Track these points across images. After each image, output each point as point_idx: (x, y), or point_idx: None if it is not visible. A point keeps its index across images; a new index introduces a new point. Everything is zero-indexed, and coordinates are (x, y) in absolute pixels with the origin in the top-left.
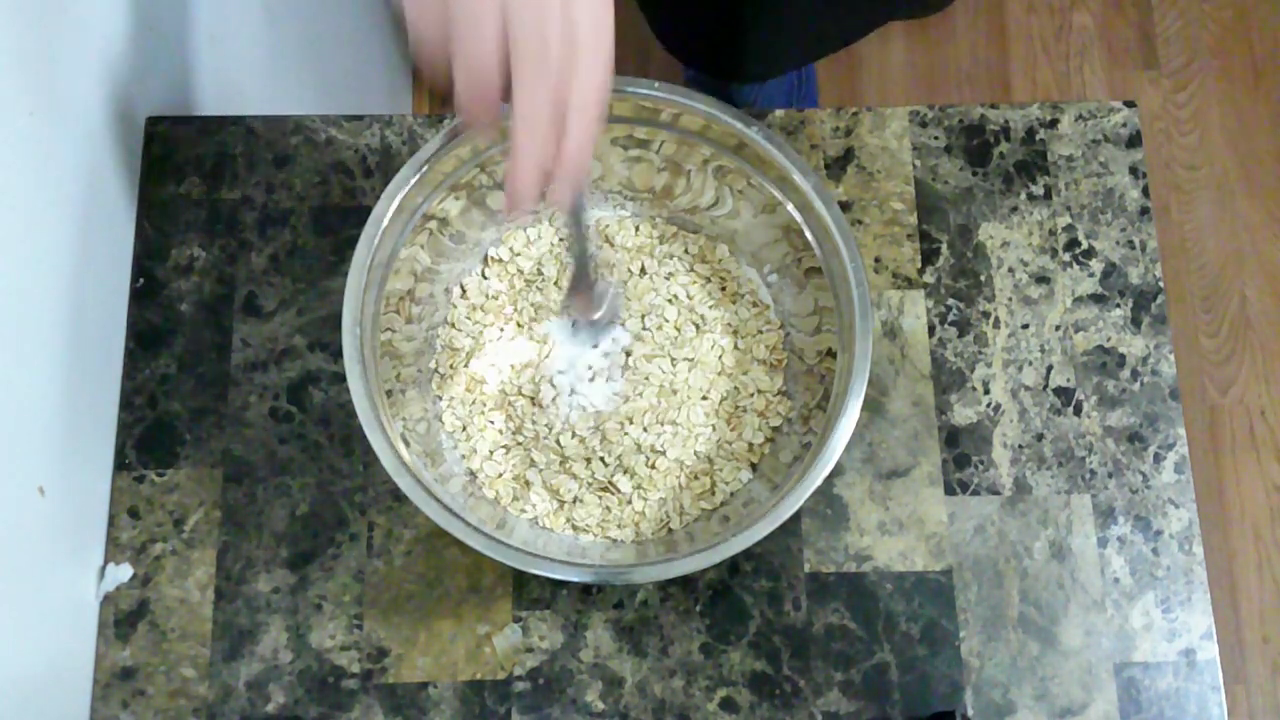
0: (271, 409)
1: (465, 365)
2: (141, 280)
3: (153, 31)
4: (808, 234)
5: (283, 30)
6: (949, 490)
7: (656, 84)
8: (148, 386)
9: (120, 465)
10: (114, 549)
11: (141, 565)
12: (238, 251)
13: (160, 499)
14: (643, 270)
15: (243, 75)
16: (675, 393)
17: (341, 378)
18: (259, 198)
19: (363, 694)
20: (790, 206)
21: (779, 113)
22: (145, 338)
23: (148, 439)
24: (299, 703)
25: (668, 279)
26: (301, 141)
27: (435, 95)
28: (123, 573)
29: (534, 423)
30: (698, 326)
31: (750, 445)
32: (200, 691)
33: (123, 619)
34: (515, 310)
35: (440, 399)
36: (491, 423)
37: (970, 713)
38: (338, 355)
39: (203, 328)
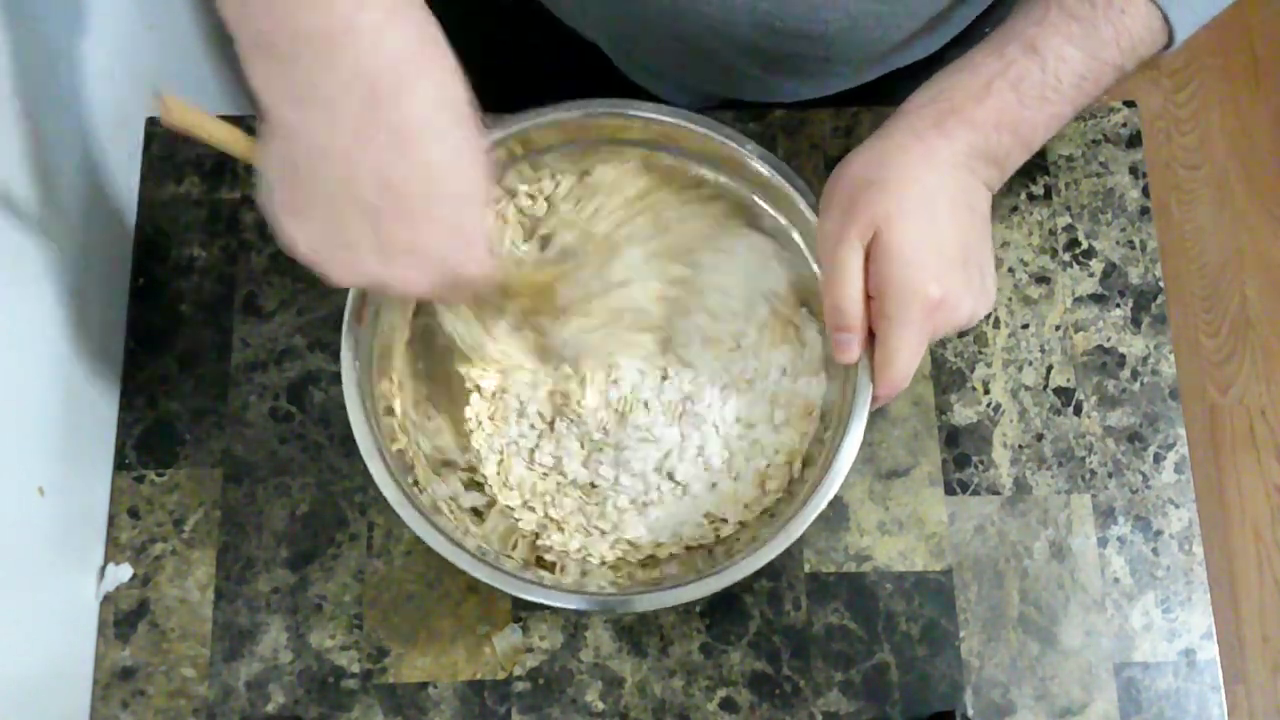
0: (271, 409)
1: (472, 380)
2: (141, 280)
3: (153, 31)
4: (804, 250)
5: None
6: (949, 490)
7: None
8: (148, 386)
9: (120, 465)
10: (114, 549)
11: (141, 565)
12: (238, 251)
13: (160, 499)
14: None
15: (242, 75)
16: (690, 421)
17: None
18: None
19: (363, 694)
20: (796, 234)
21: (779, 112)
22: (145, 338)
23: (148, 439)
24: (299, 703)
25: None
26: None
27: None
28: (123, 573)
29: (543, 447)
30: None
31: (765, 487)
32: (200, 691)
33: (123, 619)
34: (523, 329)
35: (450, 414)
36: (497, 442)
37: (970, 713)
38: (338, 355)
39: (203, 328)
